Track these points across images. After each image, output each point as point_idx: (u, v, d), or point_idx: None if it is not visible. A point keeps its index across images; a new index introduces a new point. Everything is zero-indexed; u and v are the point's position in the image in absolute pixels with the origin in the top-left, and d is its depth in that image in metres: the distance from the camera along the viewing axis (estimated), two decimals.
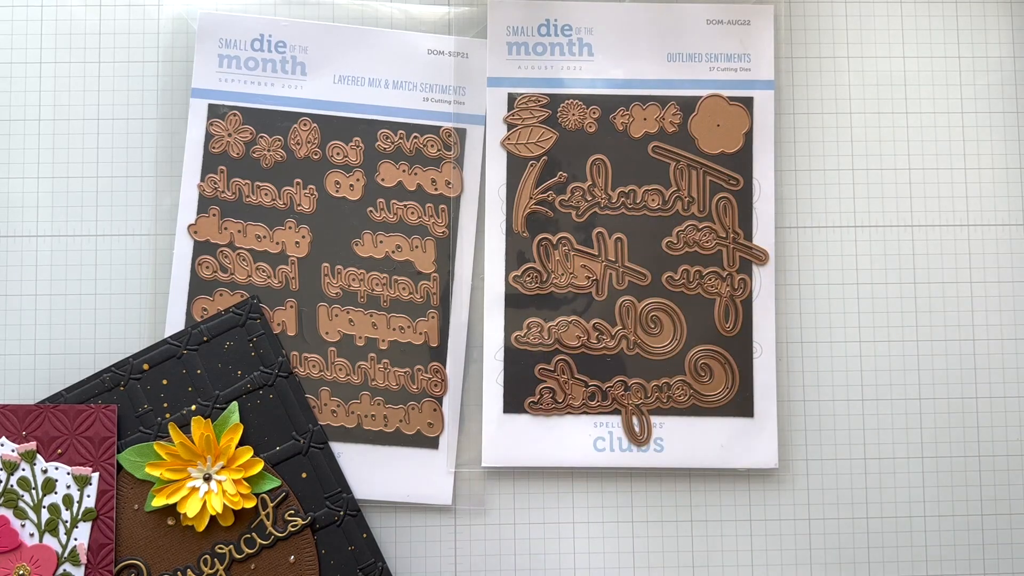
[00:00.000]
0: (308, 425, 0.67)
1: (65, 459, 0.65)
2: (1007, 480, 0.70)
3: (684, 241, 0.69)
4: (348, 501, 0.67)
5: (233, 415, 0.66)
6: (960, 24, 0.72)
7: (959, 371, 0.70)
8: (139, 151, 0.70)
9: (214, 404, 0.67)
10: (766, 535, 0.69)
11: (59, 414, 0.65)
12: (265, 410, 0.67)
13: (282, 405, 0.67)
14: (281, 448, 0.67)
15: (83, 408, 0.65)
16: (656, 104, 0.69)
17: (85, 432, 0.65)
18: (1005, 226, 0.71)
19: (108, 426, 0.65)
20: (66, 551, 0.65)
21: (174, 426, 0.65)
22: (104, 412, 0.65)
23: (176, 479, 0.65)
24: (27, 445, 0.65)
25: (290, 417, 0.67)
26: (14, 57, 0.70)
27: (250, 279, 0.69)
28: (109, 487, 0.65)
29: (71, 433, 0.65)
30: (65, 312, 0.69)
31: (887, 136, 0.71)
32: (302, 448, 0.67)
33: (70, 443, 0.65)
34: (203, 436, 0.65)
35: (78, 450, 0.65)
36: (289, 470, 0.67)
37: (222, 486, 0.65)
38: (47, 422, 0.65)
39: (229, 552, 0.66)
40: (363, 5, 0.70)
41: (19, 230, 0.69)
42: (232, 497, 0.65)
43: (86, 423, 0.65)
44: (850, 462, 0.69)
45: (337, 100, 0.70)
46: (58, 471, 0.65)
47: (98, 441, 0.65)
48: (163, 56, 0.70)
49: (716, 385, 0.68)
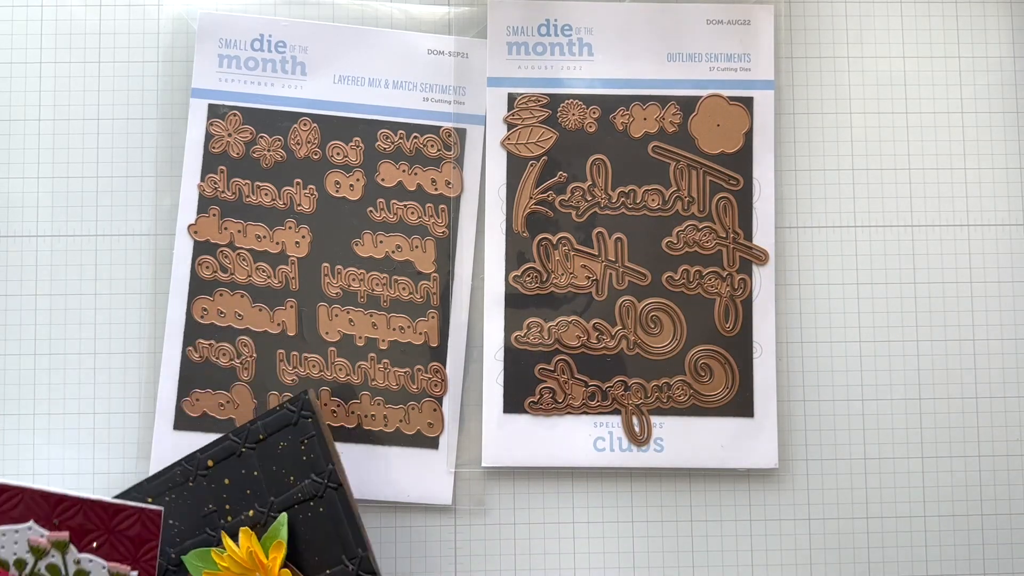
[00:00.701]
0: (358, 550, 0.63)
1: (101, 553, 0.62)
2: (1007, 480, 0.70)
3: (684, 241, 0.69)
4: None
5: (281, 529, 0.63)
6: (960, 24, 0.72)
7: (959, 371, 0.70)
8: (139, 151, 0.70)
9: (268, 511, 0.64)
10: (766, 535, 0.69)
11: (98, 508, 0.62)
12: (315, 524, 0.64)
13: (331, 521, 0.63)
14: (331, 572, 0.63)
15: (124, 507, 0.62)
16: (656, 104, 0.69)
17: (126, 531, 0.62)
18: (1005, 226, 0.71)
19: (151, 528, 0.62)
20: None
21: (226, 536, 0.62)
22: (149, 514, 0.63)
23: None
24: (59, 534, 0.62)
25: (340, 536, 0.63)
26: (14, 57, 0.70)
27: (250, 279, 0.69)
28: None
29: (109, 529, 0.62)
30: (65, 312, 0.69)
31: (887, 136, 0.71)
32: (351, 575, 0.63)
33: (107, 539, 0.62)
34: (249, 551, 0.62)
35: (115, 546, 0.62)
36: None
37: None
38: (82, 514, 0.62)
39: None
40: (363, 5, 0.70)
41: (19, 230, 0.69)
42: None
43: (128, 522, 0.62)
44: (850, 462, 0.69)
45: (337, 100, 0.70)
46: (92, 563, 0.62)
47: (139, 541, 0.62)
48: (163, 56, 0.70)
49: (716, 385, 0.68)
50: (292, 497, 0.64)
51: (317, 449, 0.64)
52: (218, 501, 0.64)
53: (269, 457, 0.64)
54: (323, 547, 0.63)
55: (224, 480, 0.64)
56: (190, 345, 0.68)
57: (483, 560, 0.68)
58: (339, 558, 0.63)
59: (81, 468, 0.68)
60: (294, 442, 0.64)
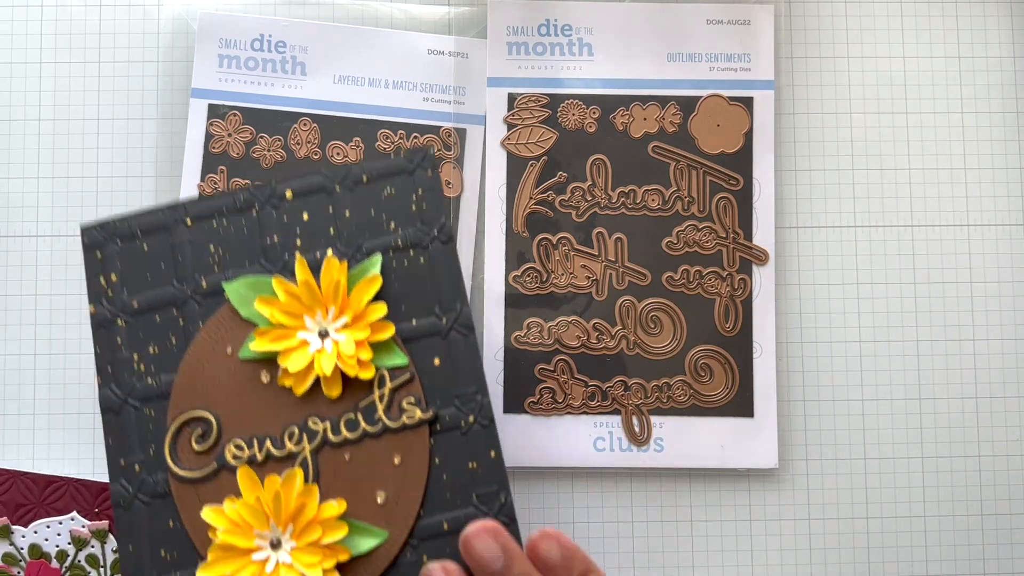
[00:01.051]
0: (457, 304, 0.54)
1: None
2: (1007, 480, 0.70)
3: (684, 241, 0.69)
4: (483, 407, 0.53)
5: (373, 267, 0.54)
6: (960, 24, 0.72)
7: (959, 371, 0.70)
8: (139, 151, 0.70)
9: (354, 254, 0.54)
10: (766, 535, 0.69)
11: (82, 488, 0.61)
12: (410, 274, 0.54)
13: (431, 273, 0.54)
14: (418, 323, 0.54)
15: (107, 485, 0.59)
16: (656, 104, 0.69)
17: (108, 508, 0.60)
18: (1005, 226, 0.71)
19: None
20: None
21: (303, 261, 0.53)
22: None
23: (287, 324, 0.53)
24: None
25: (437, 289, 0.54)
26: (14, 57, 0.70)
27: None
28: None
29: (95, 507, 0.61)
30: (65, 312, 0.69)
31: (887, 136, 0.71)
32: (443, 329, 0.54)
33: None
34: (334, 281, 0.53)
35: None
36: (420, 351, 0.54)
37: (338, 346, 0.52)
38: (67, 495, 0.61)
39: (323, 431, 0.52)
40: (363, 5, 0.70)
41: (19, 230, 0.69)
42: (348, 360, 0.52)
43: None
44: (850, 462, 0.69)
45: (337, 100, 0.70)
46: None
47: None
48: (163, 56, 0.70)
49: (716, 385, 0.68)
50: (389, 242, 0.55)
51: (432, 202, 0.55)
52: (287, 235, 0.55)
53: (368, 200, 0.55)
54: (415, 297, 0.54)
55: (302, 214, 0.55)
56: None
57: None
58: (431, 310, 0.54)
59: (81, 469, 0.68)
60: (404, 191, 0.55)
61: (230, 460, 0.52)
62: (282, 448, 0.52)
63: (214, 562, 0.50)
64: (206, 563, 0.50)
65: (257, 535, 0.50)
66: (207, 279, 0.54)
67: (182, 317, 0.54)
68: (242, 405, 0.53)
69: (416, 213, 0.55)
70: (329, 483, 0.51)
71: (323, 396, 0.52)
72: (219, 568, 0.50)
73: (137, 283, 0.54)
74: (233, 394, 0.53)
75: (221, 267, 0.54)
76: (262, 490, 0.51)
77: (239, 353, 0.53)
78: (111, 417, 0.53)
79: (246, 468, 0.51)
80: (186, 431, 0.52)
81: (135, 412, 0.53)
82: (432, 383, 0.53)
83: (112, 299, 0.54)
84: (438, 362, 0.53)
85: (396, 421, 0.52)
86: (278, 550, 0.50)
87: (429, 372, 0.53)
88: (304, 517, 0.50)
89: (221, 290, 0.54)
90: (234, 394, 0.53)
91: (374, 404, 0.52)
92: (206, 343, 0.53)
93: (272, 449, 0.52)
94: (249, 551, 0.50)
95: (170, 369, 0.53)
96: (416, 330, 0.54)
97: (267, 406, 0.52)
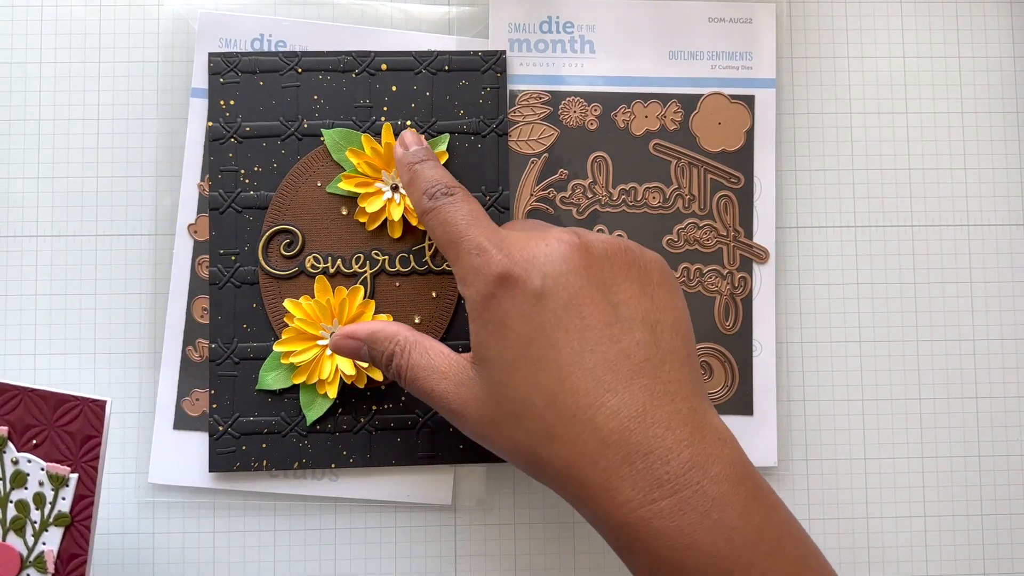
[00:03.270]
0: (499, 187, 0.68)
1: (40, 452, 0.57)
2: (1007, 480, 0.70)
3: (685, 239, 0.69)
4: None
5: (442, 144, 0.67)
6: (960, 24, 0.72)
7: (959, 371, 0.70)
8: (139, 151, 0.70)
9: (427, 128, 0.68)
10: None
11: (38, 400, 0.57)
12: (467, 156, 0.68)
13: (484, 159, 0.68)
14: None
15: (68, 398, 0.57)
16: (657, 102, 0.69)
17: (66, 425, 0.57)
18: (1005, 226, 0.71)
19: (95, 423, 0.57)
20: (32, 555, 0.58)
21: (389, 127, 0.66)
22: (92, 406, 0.57)
23: (369, 175, 0.66)
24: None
25: (486, 172, 0.68)
26: (14, 57, 0.70)
27: None
28: (89, 493, 0.57)
29: (50, 424, 0.57)
30: (65, 312, 0.69)
31: (887, 136, 0.71)
32: (485, 204, 0.68)
33: (48, 434, 0.57)
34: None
35: (56, 444, 0.57)
36: None
37: (405, 200, 0.66)
38: (23, 406, 0.57)
39: (383, 261, 0.66)
40: (363, 5, 0.70)
41: (19, 230, 0.69)
42: (412, 213, 0.66)
43: (70, 415, 0.57)
44: (850, 462, 0.69)
45: None
46: (31, 464, 0.57)
47: (81, 439, 0.57)
48: (163, 56, 0.70)
49: (716, 383, 0.68)
50: (456, 126, 0.68)
51: (495, 99, 0.68)
52: (377, 100, 0.68)
53: (446, 86, 0.68)
54: (469, 175, 0.68)
55: (391, 86, 0.68)
56: (190, 345, 0.68)
57: (483, 560, 0.68)
58: (479, 187, 0.68)
59: None
60: (475, 87, 0.68)
61: (309, 268, 0.66)
62: (350, 268, 0.66)
63: (287, 341, 0.65)
64: (282, 340, 0.65)
65: (323, 327, 0.65)
66: (308, 122, 0.67)
67: (284, 148, 0.67)
68: (323, 228, 0.67)
69: (481, 106, 0.68)
70: (381, 301, 0.66)
71: (387, 235, 0.67)
72: (292, 345, 0.65)
73: (250, 112, 0.67)
74: (317, 218, 0.67)
75: (320, 115, 0.67)
76: (331, 296, 0.65)
77: (327, 188, 0.67)
78: (215, 214, 0.67)
79: (322, 277, 0.66)
80: (276, 239, 0.67)
81: (236, 214, 0.67)
82: None
83: (228, 120, 0.67)
84: None
85: (438, 266, 0.67)
86: None
87: None
88: (361, 321, 0.64)
89: (319, 134, 0.67)
90: (318, 218, 0.67)
91: (423, 250, 0.67)
92: (301, 173, 0.67)
93: (342, 267, 0.66)
94: (315, 337, 0.65)
95: (270, 188, 0.67)
96: None
97: (342, 234, 0.67)
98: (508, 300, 0.53)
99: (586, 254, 0.53)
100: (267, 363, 0.66)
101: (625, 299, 0.53)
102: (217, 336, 0.66)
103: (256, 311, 0.66)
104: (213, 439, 0.66)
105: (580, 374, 0.51)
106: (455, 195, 0.57)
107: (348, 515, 0.68)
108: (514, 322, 0.52)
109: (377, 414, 0.66)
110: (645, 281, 0.54)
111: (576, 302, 0.52)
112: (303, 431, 0.66)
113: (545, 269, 0.52)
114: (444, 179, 0.58)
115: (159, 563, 0.68)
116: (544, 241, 0.54)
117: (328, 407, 0.66)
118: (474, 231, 0.55)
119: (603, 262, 0.54)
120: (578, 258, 0.53)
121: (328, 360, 0.65)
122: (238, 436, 0.66)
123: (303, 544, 0.68)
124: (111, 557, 0.68)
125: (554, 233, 0.54)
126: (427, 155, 0.60)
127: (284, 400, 0.66)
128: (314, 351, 0.65)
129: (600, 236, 0.55)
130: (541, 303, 0.52)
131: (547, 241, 0.54)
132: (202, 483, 0.67)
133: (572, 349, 0.52)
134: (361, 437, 0.66)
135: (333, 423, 0.66)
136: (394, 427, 0.66)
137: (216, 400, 0.66)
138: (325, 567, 0.68)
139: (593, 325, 0.52)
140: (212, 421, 0.66)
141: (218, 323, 0.66)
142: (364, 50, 0.68)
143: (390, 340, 0.58)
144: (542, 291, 0.52)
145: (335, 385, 0.65)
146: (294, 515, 0.68)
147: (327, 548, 0.68)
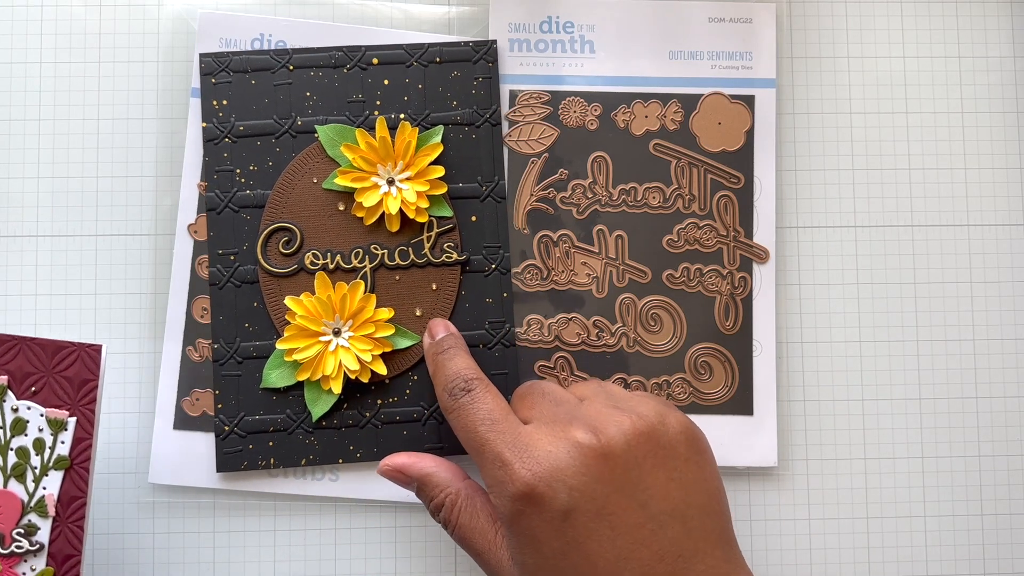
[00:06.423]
0: (495, 176, 0.68)
1: (39, 399, 0.59)
2: (1007, 480, 0.70)
3: (685, 239, 0.69)
4: (503, 259, 0.68)
5: (436, 135, 0.68)
6: (960, 24, 0.72)
7: (959, 371, 0.70)
8: (139, 151, 0.70)
9: (421, 121, 0.68)
10: (766, 535, 0.69)
11: (36, 348, 0.59)
12: (462, 147, 0.68)
13: (478, 149, 0.68)
14: (464, 186, 0.68)
15: (65, 344, 0.59)
16: (657, 102, 0.69)
17: (64, 371, 0.59)
18: (1005, 226, 0.71)
19: (91, 367, 0.59)
20: (32, 500, 0.59)
21: (383, 121, 0.67)
22: (88, 351, 0.59)
23: (364, 169, 0.66)
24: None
25: (481, 162, 0.68)
26: (14, 57, 0.70)
27: None
28: (87, 435, 0.59)
29: (48, 371, 0.59)
30: (65, 312, 0.69)
31: (887, 136, 0.71)
32: (481, 194, 0.68)
33: (47, 381, 0.59)
34: (406, 141, 0.66)
35: (55, 390, 0.59)
36: (461, 209, 0.68)
37: (403, 193, 0.66)
38: (22, 355, 0.59)
39: (382, 255, 0.67)
40: (363, 5, 0.70)
41: (19, 230, 0.69)
42: (409, 205, 0.66)
43: (67, 361, 0.59)
44: (850, 462, 0.69)
45: None
46: (30, 411, 0.59)
47: (78, 383, 0.59)
48: (163, 56, 0.70)
49: (716, 383, 0.68)
50: (450, 117, 0.68)
51: (488, 90, 0.69)
52: (370, 95, 0.68)
53: (438, 78, 0.69)
54: (464, 166, 0.69)
55: (383, 80, 0.68)
56: (190, 345, 0.68)
57: None
58: (475, 178, 0.68)
59: None
60: (467, 77, 0.69)
61: (308, 265, 0.67)
62: (349, 263, 0.67)
63: (290, 338, 0.65)
64: (284, 337, 0.65)
65: (324, 323, 0.65)
66: (302, 119, 0.68)
67: (278, 146, 0.67)
68: (321, 224, 0.67)
69: (474, 96, 0.68)
70: (382, 295, 0.67)
71: (385, 229, 0.67)
72: (294, 342, 0.65)
73: (243, 111, 0.68)
74: (314, 215, 0.67)
75: (314, 111, 0.68)
76: (332, 291, 0.66)
77: (323, 184, 0.67)
78: (213, 215, 0.67)
79: (322, 274, 0.66)
80: (275, 237, 0.67)
81: (233, 214, 0.67)
82: (468, 234, 0.68)
83: (221, 120, 0.68)
84: (474, 219, 0.68)
85: (437, 258, 0.67)
86: (339, 336, 0.66)
87: (467, 226, 0.68)
88: (362, 316, 0.66)
89: (313, 130, 0.68)
90: (315, 215, 0.67)
91: (422, 242, 0.67)
92: (297, 170, 0.67)
93: (342, 263, 0.67)
94: (317, 334, 0.65)
95: (266, 186, 0.67)
96: (461, 191, 0.68)
97: (341, 229, 0.67)
98: (536, 517, 0.53)
99: (608, 459, 0.54)
100: (270, 361, 0.66)
101: (654, 493, 0.54)
102: (219, 336, 0.67)
103: (257, 310, 0.67)
104: (219, 439, 0.66)
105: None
106: (473, 390, 0.58)
107: (348, 515, 0.68)
108: (546, 536, 0.53)
109: (382, 408, 0.66)
110: (672, 464, 0.55)
111: (605, 512, 0.53)
112: (309, 428, 0.66)
113: (570, 482, 0.53)
114: (464, 371, 0.59)
115: (159, 563, 0.68)
116: (566, 444, 0.54)
117: (333, 403, 0.66)
118: (493, 438, 0.55)
119: (627, 461, 0.54)
120: (600, 465, 0.53)
121: (331, 356, 0.65)
122: (244, 435, 0.66)
123: (303, 544, 0.68)
124: (111, 557, 0.68)
125: (576, 432, 0.55)
126: (452, 343, 0.62)
127: (289, 398, 0.66)
128: (317, 347, 0.65)
129: (620, 426, 0.55)
130: (570, 519, 0.53)
131: (569, 446, 0.54)
132: (202, 483, 0.67)
133: (607, 560, 0.52)
134: (367, 431, 0.66)
135: (339, 418, 0.66)
136: (400, 420, 0.66)
137: (221, 400, 0.66)
138: (325, 567, 0.68)
139: (624, 532, 0.53)
140: (218, 421, 0.66)
141: (220, 323, 0.67)
142: (354, 45, 0.69)
143: (441, 489, 0.59)
144: (569, 506, 0.53)
145: (339, 380, 0.65)
146: (294, 515, 0.68)
147: (327, 548, 0.68)
